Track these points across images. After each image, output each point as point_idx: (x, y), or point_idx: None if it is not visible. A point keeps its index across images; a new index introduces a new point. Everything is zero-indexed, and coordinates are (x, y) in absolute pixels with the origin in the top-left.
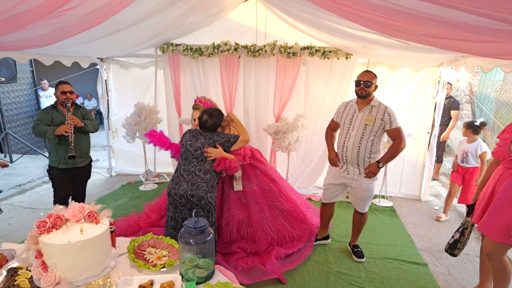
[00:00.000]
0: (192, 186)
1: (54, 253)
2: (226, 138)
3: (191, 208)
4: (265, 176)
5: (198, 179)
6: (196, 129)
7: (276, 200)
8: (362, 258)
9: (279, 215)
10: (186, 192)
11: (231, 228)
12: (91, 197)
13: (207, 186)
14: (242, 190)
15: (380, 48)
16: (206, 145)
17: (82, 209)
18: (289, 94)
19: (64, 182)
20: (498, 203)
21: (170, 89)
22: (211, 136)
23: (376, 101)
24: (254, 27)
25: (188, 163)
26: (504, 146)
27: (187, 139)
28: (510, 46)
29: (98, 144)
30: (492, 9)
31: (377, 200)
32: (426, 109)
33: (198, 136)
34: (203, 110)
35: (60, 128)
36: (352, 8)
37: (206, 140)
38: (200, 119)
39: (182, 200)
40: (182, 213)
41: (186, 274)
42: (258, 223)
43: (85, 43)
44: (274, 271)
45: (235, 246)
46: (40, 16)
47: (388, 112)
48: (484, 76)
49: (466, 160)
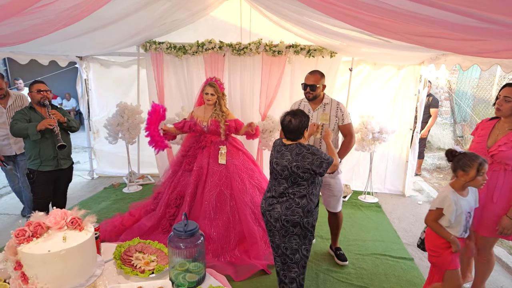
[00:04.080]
0: (286, 211)
1: (35, 263)
2: (319, 159)
3: (286, 235)
4: (247, 157)
5: (294, 203)
6: (280, 141)
7: (256, 178)
8: (346, 261)
9: (258, 192)
10: (281, 217)
11: (211, 198)
12: (72, 200)
13: (303, 212)
14: (225, 165)
15: (364, 46)
16: (294, 163)
17: (65, 216)
18: (274, 93)
19: (45, 186)
20: (483, 199)
21: (154, 88)
22: (299, 151)
23: (327, 98)
24: (238, 25)
25: (278, 184)
26: (482, 142)
27: (272, 154)
28: (490, 44)
29: (79, 145)
30: (473, 7)
31: (363, 196)
32: (408, 106)
33: (283, 150)
34: (285, 112)
35: (43, 121)
36: (337, 6)
37: (293, 157)
38: (282, 122)
39: (277, 224)
40: (275, 239)
41: (176, 279)
42: (240, 194)
43: (63, 41)
44: (259, 262)
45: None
46: (14, 12)
47: (340, 108)
48: (462, 73)
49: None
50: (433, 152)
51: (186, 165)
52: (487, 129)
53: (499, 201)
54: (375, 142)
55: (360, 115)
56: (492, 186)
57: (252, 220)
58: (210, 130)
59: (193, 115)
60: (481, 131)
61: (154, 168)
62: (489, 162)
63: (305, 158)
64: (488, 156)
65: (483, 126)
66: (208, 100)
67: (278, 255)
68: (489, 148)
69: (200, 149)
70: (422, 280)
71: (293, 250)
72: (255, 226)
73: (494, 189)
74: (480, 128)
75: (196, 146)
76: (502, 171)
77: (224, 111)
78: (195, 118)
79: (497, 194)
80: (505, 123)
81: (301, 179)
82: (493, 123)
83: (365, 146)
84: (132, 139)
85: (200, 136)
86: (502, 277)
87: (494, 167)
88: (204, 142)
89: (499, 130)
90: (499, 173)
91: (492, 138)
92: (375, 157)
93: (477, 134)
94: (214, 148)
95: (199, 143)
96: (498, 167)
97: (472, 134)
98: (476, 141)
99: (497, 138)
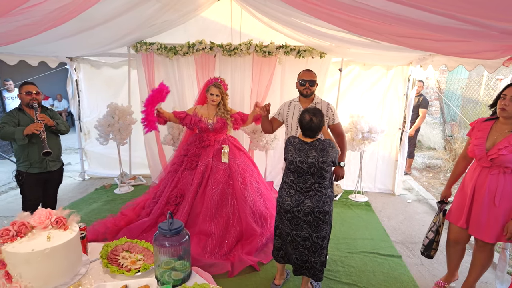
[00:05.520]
0: (318, 203)
1: (19, 262)
2: (336, 152)
3: (317, 225)
4: (248, 158)
5: (322, 195)
6: (298, 139)
7: (255, 179)
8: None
9: (256, 191)
10: (313, 210)
11: (214, 195)
12: (63, 202)
13: (330, 200)
14: (228, 164)
15: (353, 47)
16: (321, 159)
17: (49, 215)
18: (265, 93)
19: (34, 188)
20: (484, 203)
21: (145, 89)
22: (323, 146)
23: (318, 98)
24: (229, 26)
25: (304, 180)
26: (480, 145)
27: (293, 153)
28: (471, 45)
29: (70, 146)
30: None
31: (353, 195)
32: (397, 106)
33: (306, 148)
34: (303, 110)
35: (30, 126)
36: (324, 8)
37: (319, 153)
38: (301, 121)
39: (308, 218)
40: (304, 232)
41: (162, 277)
42: (241, 193)
43: (53, 42)
44: (248, 258)
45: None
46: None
47: (331, 108)
48: (451, 74)
49: None
50: (423, 152)
51: (188, 163)
52: (485, 130)
53: (501, 205)
54: (365, 142)
55: (350, 115)
56: (493, 189)
57: (252, 219)
58: (215, 128)
59: (197, 112)
60: (478, 132)
61: (145, 169)
62: (487, 166)
63: (329, 152)
64: (487, 159)
65: (479, 127)
66: (213, 100)
67: (305, 247)
68: (488, 151)
69: (203, 148)
70: (410, 277)
71: (323, 237)
72: (255, 226)
73: (495, 193)
74: (476, 129)
75: (199, 145)
76: (502, 174)
77: (228, 109)
78: (199, 115)
79: (498, 197)
80: (504, 125)
81: (326, 172)
82: (490, 124)
83: (355, 145)
84: (123, 140)
85: (203, 135)
86: (487, 273)
87: (493, 171)
88: (208, 141)
89: (498, 132)
90: (499, 176)
91: (490, 141)
92: (365, 157)
93: (473, 136)
94: (218, 147)
95: (202, 142)
96: (497, 170)
97: (468, 134)
98: (474, 143)
99: (496, 140)
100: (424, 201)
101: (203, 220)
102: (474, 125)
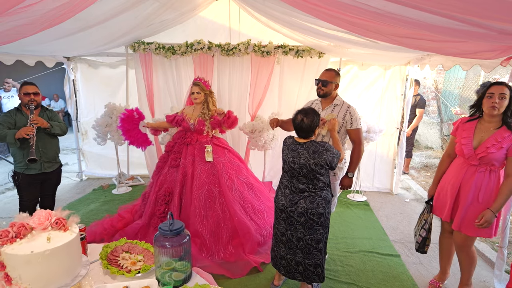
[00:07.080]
0: (311, 204)
1: (18, 264)
2: (332, 155)
3: (311, 227)
4: (233, 155)
5: (316, 196)
6: (292, 139)
7: (243, 174)
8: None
9: (246, 187)
10: (306, 211)
11: (200, 196)
12: (61, 202)
13: (325, 203)
14: (212, 163)
15: (351, 46)
16: (312, 161)
17: (49, 216)
18: (264, 93)
19: (30, 189)
20: (469, 200)
21: (143, 89)
22: (315, 148)
23: (339, 100)
24: (227, 26)
25: (297, 181)
26: (468, 144)
27: (287, 153)
28: (469, 45)
29: (67, 147)
30: (453, 10)
31: (351, 195)
32: (395, 106)
33: (299, 149)
34: (297, 111)
35: (20, 131)
36: (323, 8)
37: (311, 155)
38: (294, 121)
39: (301, 219)
40: (298, 232)
41: (163, 278)
42: (228, 190)
43: (50, 41)
44: (251, 258)
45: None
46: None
47: (350, 112)
48: (448, 73)
49: None
50: (421, 151)
51: (172, 161)
52: (470, 130)
53: (484, 201)
54: (363, 141)
55: None
56: (479, 186)
57: (243, 214)
58: (196, 129)
59: (184, 112)
60: (463, 132)
61: (143, 169)
62: (475, 164)
63: (322, 155)
64: (476, 158)
65: (464, 127)
66: (195, 99)
67: (299, 247)
68: (476, 149)
69: (184, 145)
70: (408, 276)
71: (317, 239)
72: (247, 220)
73: (480, 189)
74: (461, 129)
75: (181, 142)
76: (488, 172)
77: (211, 109)
78: (184, 114)
79: (482, 194)
80: (489, 124)
81: (319, 174)
82: (474, 124)
83: None
84: (121, 140)
85: (186, 133)
86: (484, 272)
87: (480, 169)
88: (190, 139)
89: (483, 131)
90: (485, 174)
91: (476, 139)
92: (363, 156)
93: (459, 135)
94: (199, 147)
95: (184, 139)
96: (484, 168)
97: (452, 134)
98: (461, 143)
99: (483, 139)
100: (422, 200)
101: (193, 221)
102: (457, 124)
